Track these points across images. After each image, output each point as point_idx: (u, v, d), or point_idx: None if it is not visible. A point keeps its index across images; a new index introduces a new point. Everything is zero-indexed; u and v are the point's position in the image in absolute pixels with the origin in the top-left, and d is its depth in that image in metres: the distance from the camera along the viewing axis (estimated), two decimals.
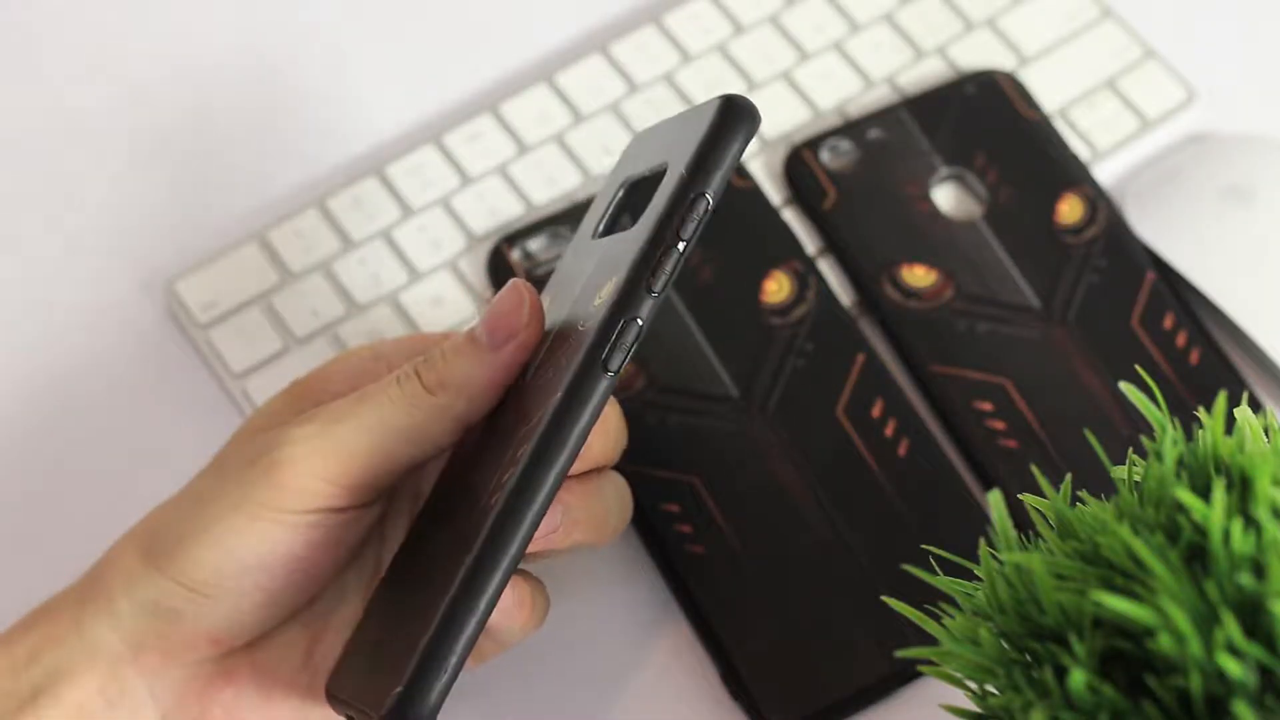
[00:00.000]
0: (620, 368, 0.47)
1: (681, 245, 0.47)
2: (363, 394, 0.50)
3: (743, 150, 0.48)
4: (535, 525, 0.47)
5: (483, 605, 0.46)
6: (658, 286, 0.47)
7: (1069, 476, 0.48)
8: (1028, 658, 0.44)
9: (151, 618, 0.49)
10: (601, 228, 0.53)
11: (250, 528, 0.48)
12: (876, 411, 0.60)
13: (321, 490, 0.49)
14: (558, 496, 0.49)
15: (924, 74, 0.67)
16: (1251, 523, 0.41)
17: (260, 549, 0.49)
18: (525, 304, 0.49)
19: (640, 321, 0.47)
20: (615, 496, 0.53)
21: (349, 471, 0.49)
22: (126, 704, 0.49)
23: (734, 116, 0.48)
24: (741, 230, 0.63)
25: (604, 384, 0.47)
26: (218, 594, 0.49)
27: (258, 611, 0.49)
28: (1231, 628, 0.39)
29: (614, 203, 0.53)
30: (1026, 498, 0.47)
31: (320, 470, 0.49)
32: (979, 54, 0.67)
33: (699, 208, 0.47)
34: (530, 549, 0.48)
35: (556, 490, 0.47)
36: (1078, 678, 0.41)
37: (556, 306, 0.51)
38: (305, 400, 0.53)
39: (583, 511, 0.51)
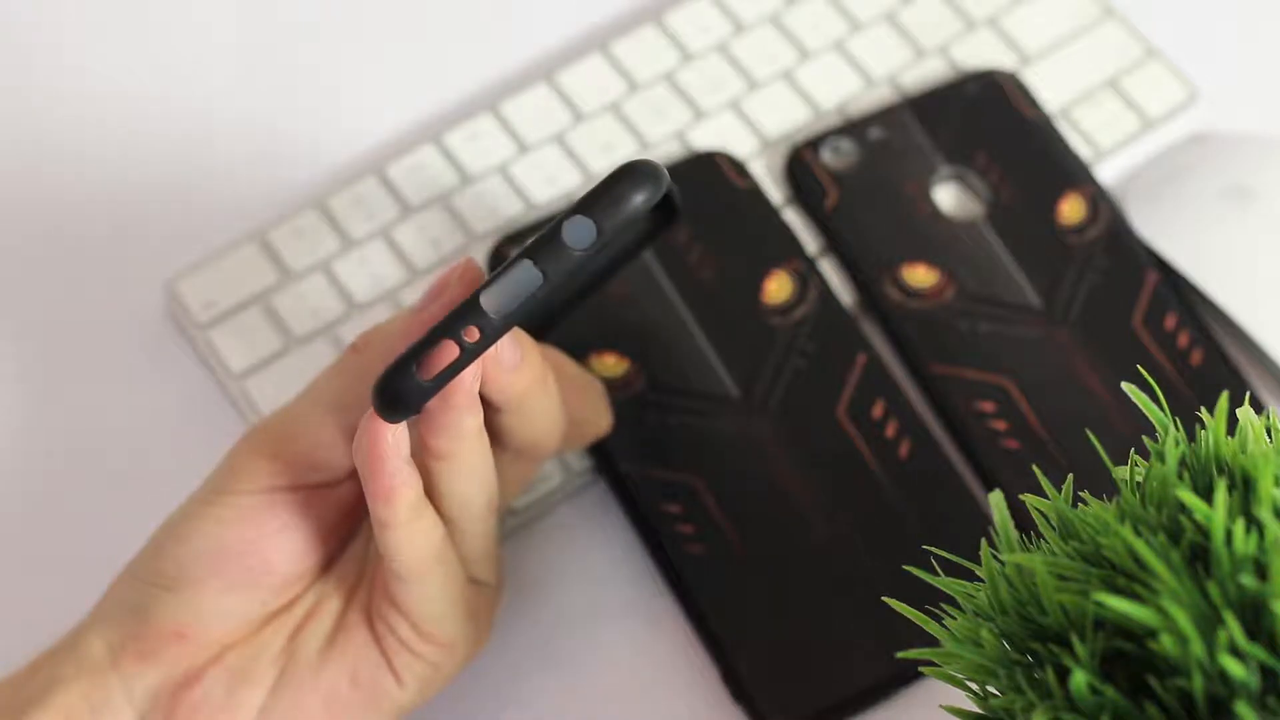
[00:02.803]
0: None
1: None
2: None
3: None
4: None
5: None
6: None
7: (1070, 477, 0.47)
8: (1029, 659, 0.44)
9: (126, 617, 0.50)
10: None
11: (204, 513, 0.50)
12: (878, 412, 0.60)
13: (264, 467, 0.50)
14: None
15: (925, 73, 0.67)
16: (1254, 523, 0.41)
17: (213, 534, 0.49)
18: (459, 268, 0.50)
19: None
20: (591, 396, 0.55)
21: (284, 442, 0.50)
22: (108, 710, 0.49)
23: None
24: (742, 230, 0.63)
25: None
26: (177, 584, 0.49)
27: (218, 600, 0.50)
28: (1234, 629, 0.39)
29: None
30: (1028, 498, 0.47)
31: (261, 446, 0.50)
32: (980, 53, 0.67)
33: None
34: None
35: None
36: (1079, 679, 0.41)
37: None
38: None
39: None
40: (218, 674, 0.50)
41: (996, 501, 0.46)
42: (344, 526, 0.52)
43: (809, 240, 0.63)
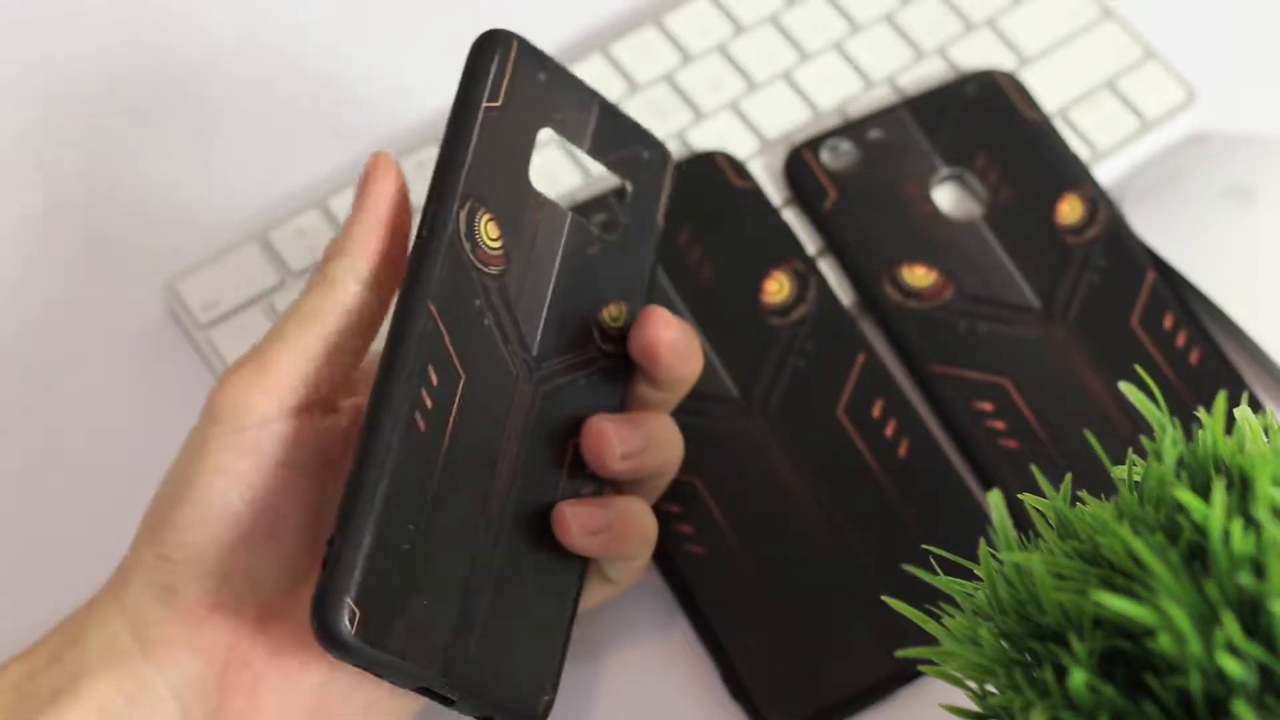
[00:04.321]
0: (429, 233, 0.49)
1: None
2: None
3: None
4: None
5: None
6: None
7: (1069, 476, 0.48)
8: (1028, 657, 0.44)
9: (152, 603, 0.48)
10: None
11: (201, 466, 0.48)
12: (877, 411, 0.60)
13: (252, 400, 0.48)
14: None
15: (924, 74, 0.67)
16: (1251, 523, 0.41)
17: (215, 486, 0.48)
18: (379, 159, 0.51)
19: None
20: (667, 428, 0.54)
21: (271, 370, 0.48)
22: (146, 700, 0.48)
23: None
24: (741, 230, 0.63)
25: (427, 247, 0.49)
26: (195, 552, 0.48)
27: (239, 559, 0.48)
28: (1231, 627, 0.39)
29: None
30: (1026, 498, 0.47)
31: (244, 379, 0.48)
32: (979, 54, 0.67)
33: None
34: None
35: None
36: (1078, 677, 0.41)
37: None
38: None
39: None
40: (268, 660, 0.49)
41: (995, 501, 0.46)
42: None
43: (808, 240, 0.63)
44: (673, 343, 0.53)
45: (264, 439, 0.49)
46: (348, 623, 0.45)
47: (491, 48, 0.51)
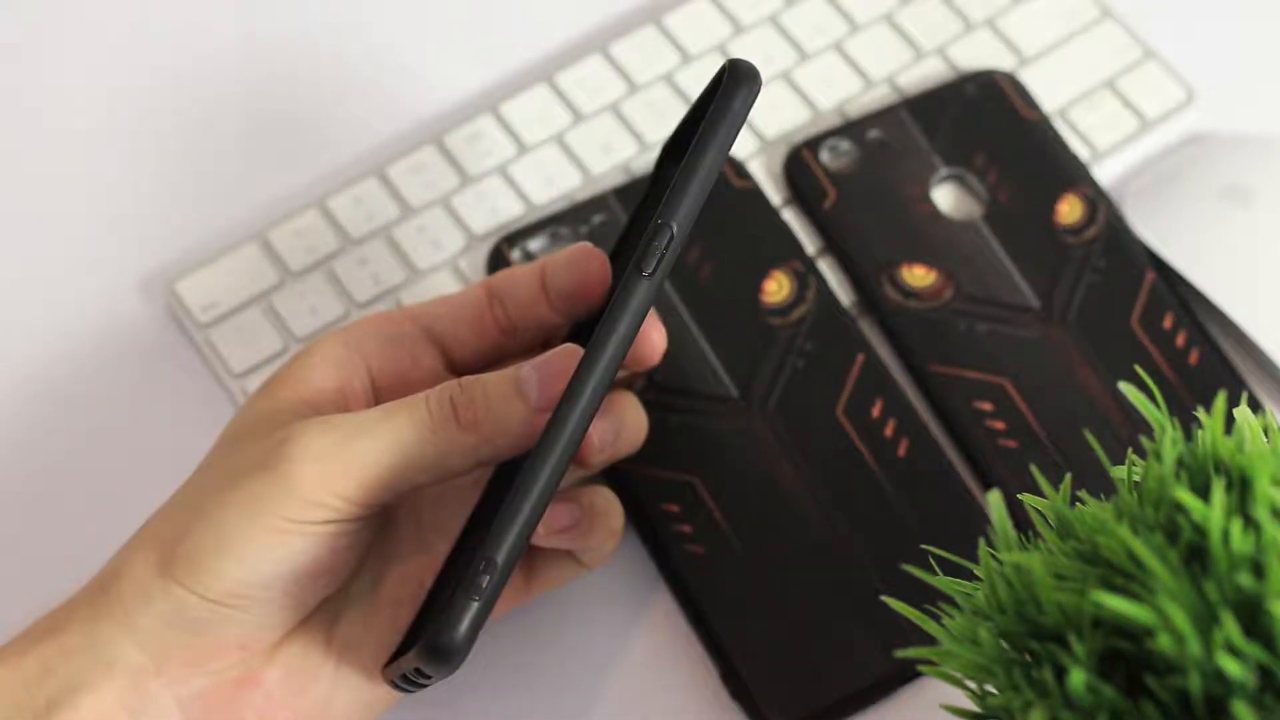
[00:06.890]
0: (656, 270, 0.48)
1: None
2: (389, 410, 0.49)
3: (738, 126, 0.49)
4: (577, 435, 0.46)
5: (520, 522, 0.46)
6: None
7: (1068, 476, 0.48)
8: (1027, 657, 0.44)
9: (176, 630, 0.48)
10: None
11: (271, 539, 0.48)
12: (876, 411, 0.60)
13: (338, 505, 0.48)
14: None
15: (924, 74, 0.67)
16: (1251, 523, 0.41)
17: (284, 560, 0.48)
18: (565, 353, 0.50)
19: (674, 227, 0.48)
20: (635, 409, 0.55)
21: (364, 490, 0.48)
22: (151, 714, 0.48)
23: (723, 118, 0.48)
24: (741, 230, 0.63)
25: (642, 287, 0.47)
26: (245, 605, 0.48)
27: (285, 614, 0.50)
28: (1230, 628, 0.39)
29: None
30: (1026, 498, 0.47)
31: (338, 488, 0.48)
32: (979, 54, 0.67)
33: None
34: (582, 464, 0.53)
35: (599, 397, 0.47)
36: (1077, 677, 0.41)
37: None
38: (290, 394, 0.52)
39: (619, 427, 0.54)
40: (280, 674, 0.50)
41: (995, 501, 0.46)
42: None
43: (808, 240, 0.63)
44: (664, 344, 0.54)
45: (340, 531, 0.49)
46: (469, 638, 0.46)
47: (752, 92, 0.50)
